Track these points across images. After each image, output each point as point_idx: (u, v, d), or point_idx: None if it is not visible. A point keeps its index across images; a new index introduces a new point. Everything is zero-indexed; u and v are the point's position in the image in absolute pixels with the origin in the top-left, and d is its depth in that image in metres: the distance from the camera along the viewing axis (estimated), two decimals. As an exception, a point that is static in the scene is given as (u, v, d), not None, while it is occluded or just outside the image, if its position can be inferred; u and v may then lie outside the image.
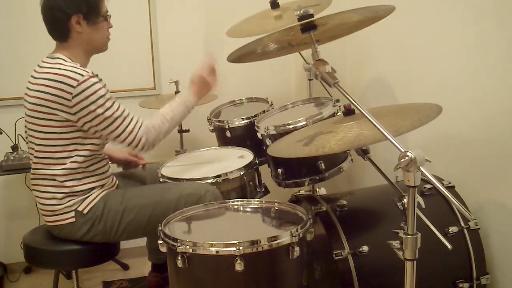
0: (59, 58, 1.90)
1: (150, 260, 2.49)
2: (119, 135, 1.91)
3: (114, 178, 2.09)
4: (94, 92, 1.84)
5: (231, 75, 3.06)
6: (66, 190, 1.90)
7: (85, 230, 1.93)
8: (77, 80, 1.81)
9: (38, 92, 1.84)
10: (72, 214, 1.91)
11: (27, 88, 1.91)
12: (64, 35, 1.93)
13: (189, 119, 2.82)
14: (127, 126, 1.91)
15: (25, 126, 1.95)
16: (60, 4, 1.89)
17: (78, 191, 1.91)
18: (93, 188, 1.95)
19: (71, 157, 1.88)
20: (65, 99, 1.81)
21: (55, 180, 1.89)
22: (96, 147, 1.94)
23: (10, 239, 2.93)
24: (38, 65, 1.93)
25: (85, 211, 1.92)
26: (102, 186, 1.98)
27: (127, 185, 2.19)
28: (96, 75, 1.89)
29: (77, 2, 1.90)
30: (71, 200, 1.91)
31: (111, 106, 1.88)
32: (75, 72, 1.83)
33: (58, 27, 1.93)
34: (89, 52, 2.00)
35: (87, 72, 1.85)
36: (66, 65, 1.86)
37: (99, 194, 1.96)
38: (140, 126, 1.95)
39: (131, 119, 1.94)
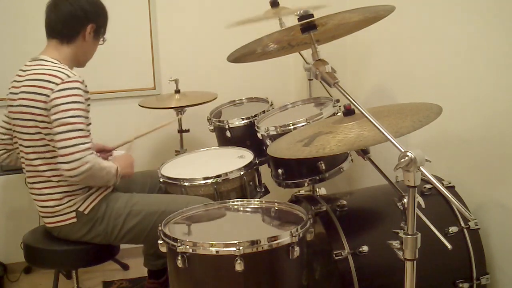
0: (45, 60, 1.90)
1: (146, 267, 2.48)
2: (68, 146, 1.75)
3: None
4: (72, 95, 1.80)
5: (231, 75, 3.07)
6: (64, 189, 1.89)
7: (85, 230, 1.93)
8: (62, 79, 1.81)
9: (25, 93, 1.84)
10: (73, 214, 1.91)
11: (12, 93, 1.91)
12: (72, 36, 1.94)
13: (189, 119, 2.84)
14: (82, 143, 1.77)
15: (13, 130, 1.94)
16: (85, 7, 1.94)
17: (76, 190, 1.91)
18: (91, 187, 1.94)
19: None
20: (46, 95, 1.81)
21: (50, 181, 1.89)
22: None
23: (10, 239, 2.92)
24: (21, 69, 1.93)
25: (86, 211, 1.92)
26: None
27: (127, 189, 2.18)
28: (83, 81, 1.86)
29: (99, 13, 1.99)
30: (71, 200, 1.91)
31: (79, 116, 1.79)
32: (62, 73, 1.83)
33: (72, 25, 1.94)
34: (76, 61, 2.00)
35: (75, 75, 1.84)
36: (54, 66, 1.86)
37: (99, 194, 1.95)
38: (92, 154, 1.79)
39: (89, 142, 1.80)
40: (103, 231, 1.95)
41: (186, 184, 2.08)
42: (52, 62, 1.90)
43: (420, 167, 1.15)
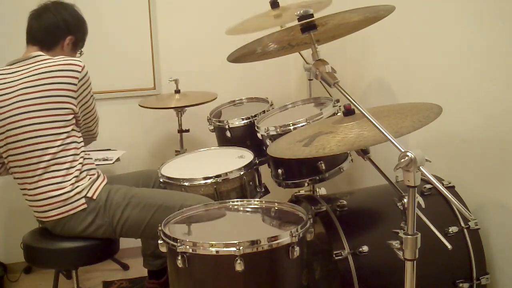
0: (42, 55, 1.98)
1: (146, 267, 2.50)
2: (97, 118, 2.13)
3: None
4: (89, 78, 2.00)
5: (231, 75, 3.07)
6: (74, 174, 1.94)
7: (90, 219, 1.95)
8: (80, 66, 1.95)
9: (46, 85, 1.90)
10: (83, 200, 1.94)
11: (7, 93, 1.92)
12: (51, 44, 2.06)
13: (189, 119, 2.84)
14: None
15: (17, 127, 1.91)
16: (67, 19, 2.07)
17: (83, 172, 1.96)
18: (91, 170, 2.00)
19: (74, 142, 1.96)
20: (72, 84, 1.93)
21: (61, 170, 1.92)
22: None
23: (10, 239, 2.93)
24: (3, 73, 1.96)
25: (94, 197, 1.96)
26: (97, 170, 2.05)
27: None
28: None
29: (79, 27, 2.13)
30: (79, 186, 1.94)
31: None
32: (76, 60, 1.97)
33: (54, 35, 2.06)
34: None
35: (81, 61, 1.99)
36: (61, 57, 1.97)
37: (101, 182, 2.01)
38: None
39: None
40: (105, 222, 1.97)
41: (186, 184, 2.09)
42: (50, 57, 1.98)
43: (420, 167, 1.15)
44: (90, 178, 1.99)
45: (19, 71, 1.95)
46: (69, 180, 1.93)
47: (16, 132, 1.92)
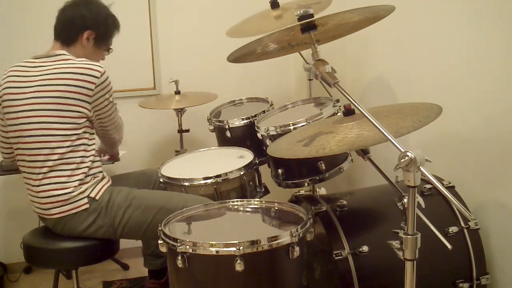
0: (65, 55, 2.00)
1: (146, 267, 2.50)
2: (118, 124, 2.15)
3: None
4: (110, 84, 2.00)
5: (231, 75, 3.07)
6: (79, 177, 1.94)
7: (91, 220, 1.96)
8: (100, 72, 1.95)
9: (62, 85, 1.91)
10: (86, 200, 1.95)
11: (16, 87, 1.95)
12: (70, 40, 2.06)
13: (189, 119, 2.84)
14: (120, 118, 2.17)
15: (29, 123, 1.93)
16: (83, 14, 2.06)
17: (88, 176, 1.97)
18: (97, 173, 2.00)
19: (83, 144, 1.97)
20: (88, 89, 1.93)
21: (67, 170, 1.93)
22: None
23: (10, 239, 2.93)
24: (25, 65, 2.00)
25: (97, 197, 1.96)
26: (102, 173, 2.05)
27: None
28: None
29: (97, 21, 2.09)
30: (82, 186, 1.95)
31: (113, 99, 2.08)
32: (96, 65, 1.97)
33: (70, 30, 2.06)
34: None
35: (102, 66, 1.99)
36: (83, 60, 1.98)
37: (104, 184, 2.01)
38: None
39: None
40: (106, 223, 1.97)
41: (186, 184, 2.09)
42: (73, 57, 1.99)
43: (420, 167, 1.15)
44: (95, 179, 1.99)
45: (40, 66, 1.97)
46: (73, 182, 1.94)
47: (27, 127, 1.94)
